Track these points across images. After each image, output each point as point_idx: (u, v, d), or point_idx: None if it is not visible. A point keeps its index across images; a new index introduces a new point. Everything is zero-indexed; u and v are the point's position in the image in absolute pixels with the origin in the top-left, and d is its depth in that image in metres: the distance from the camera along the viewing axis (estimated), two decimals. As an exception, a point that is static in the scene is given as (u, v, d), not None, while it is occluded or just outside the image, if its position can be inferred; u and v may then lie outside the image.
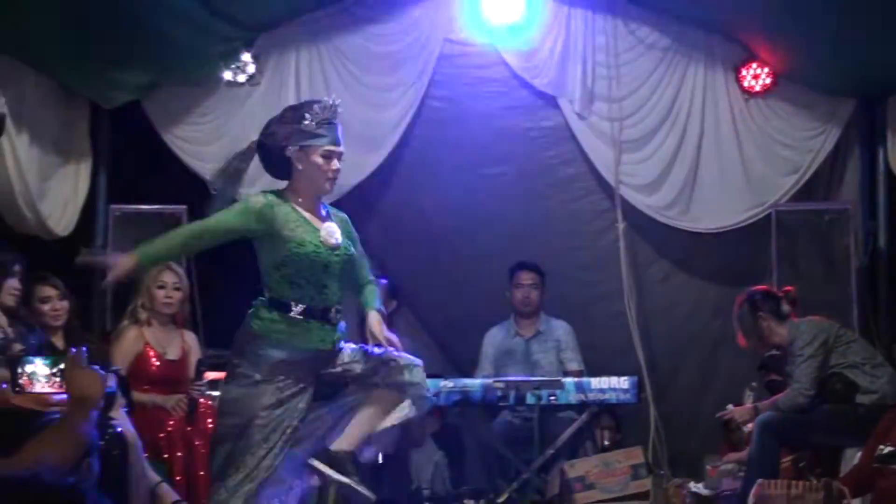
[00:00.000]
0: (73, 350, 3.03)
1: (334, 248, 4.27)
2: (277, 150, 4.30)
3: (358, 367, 4.30)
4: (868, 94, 7.27)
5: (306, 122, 4.24)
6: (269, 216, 4.23)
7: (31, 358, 4.27)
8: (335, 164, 4.29)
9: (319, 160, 4.26)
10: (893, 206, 7.33)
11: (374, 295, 4.54)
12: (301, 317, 4.23)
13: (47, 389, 4.13)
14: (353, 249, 4.38)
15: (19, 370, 4.14)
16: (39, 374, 4.33)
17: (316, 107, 4.28)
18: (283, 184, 4.38)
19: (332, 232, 4.30)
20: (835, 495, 5.28)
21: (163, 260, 4.40)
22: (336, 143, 4.27)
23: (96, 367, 2.92)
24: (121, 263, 4.35)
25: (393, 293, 7.00)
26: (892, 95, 7.05)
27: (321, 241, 4.25)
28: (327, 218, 4.36)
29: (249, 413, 4.13)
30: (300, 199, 4.30)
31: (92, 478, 3.63)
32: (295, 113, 4.34)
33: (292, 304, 4.24)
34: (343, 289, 4.36)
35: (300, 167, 4.27)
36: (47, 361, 4.13)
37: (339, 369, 4.29)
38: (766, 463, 5.78)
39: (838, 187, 7.53)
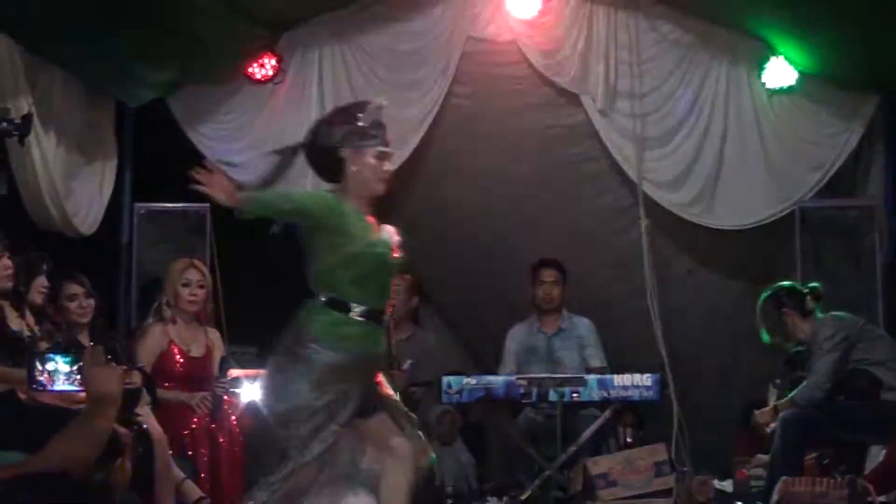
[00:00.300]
0: (91, 347, 3.04)
1: (395, 251, 4.24)
2: (330, 151, 4.23)
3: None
4: (892, 91, 7.22)
5: (360, 123, 4.20)
6: (340, 211, 4.15)
7: (52, 355, 4.30)
8: (387, 165, 4.26)
9: (373, 161, 4.22)
10: (919, 203, 7.30)
11: None
12: (361, 318, 4.15)
13: (68, 387, 4.15)
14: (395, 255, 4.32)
15: (39, 367, 4.17)
16: (60, 371, 4.36)
17: (368, 107, 4.25)
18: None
19: (392, 235, 4.28)
20: (859, 492, 5.28)
21: (261, 212, 4.27)
22: (387, 144, 4.25)
23: (115, 363, 2.91)
24: (229, 192, 4.20)
25: (417, 290, 7.00)
26: (917, 91, 7.02)
27: (387, 243, 4.22)
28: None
29: (300, 420, 4.05)
30: (352, 202, 4.23)
31: (126, 477, 3.67)
32: (346, 114, 4.29)
33: (354, 305, 4.16)
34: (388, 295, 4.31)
35: (354, 168, 4.21)
36: (67, 359, 4.15)
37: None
38: (789, 460, 5.76)
39: (863, 184, 7.48)
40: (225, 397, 5.72)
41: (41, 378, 4.28)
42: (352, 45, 7.47)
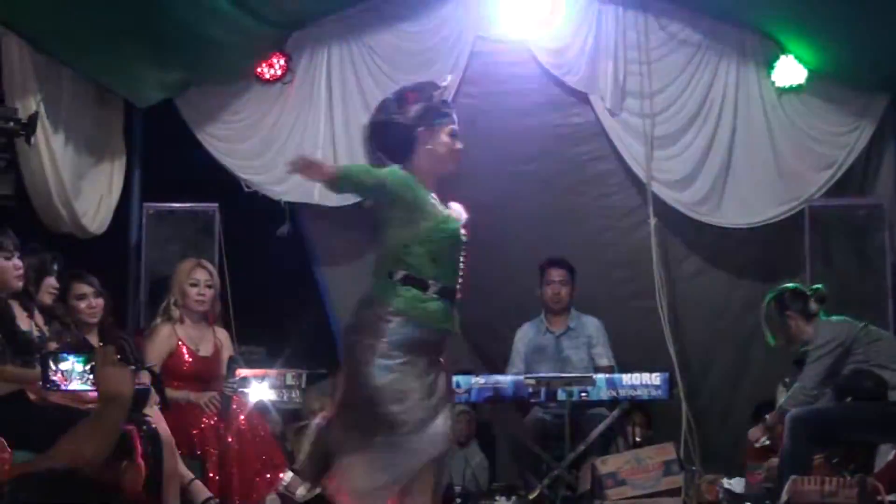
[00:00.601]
0: (104, 347, 3.04)
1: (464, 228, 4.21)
2: (406, 129, 4.15)
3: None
4: (902, 90, 7.23)
5: (435, 101, 4.16)
6: (415, 187, 4.09)
7: (65, 355, 4.31)
8: (458, 143, 4.23)
9: (447, 139, 4.19)
10: (928, 202, 7.29)
11: None
12: (436, 295, 4.09)
13: (81, 387, 4.16)
14: None
15: (52, 367, 4.17)
16: (73, 371, 4.36)
17: (441, 86, 4.23)
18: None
19: (460, 212, 4.25)
20: (869, 491, 5.26)
21: (348, 186, 4.19)
22: (456, 122, 4.21)
23: (126, 363, 2.92)
24: (324, 167, 4.12)
25: None
26: (927, 90, 7.01)
27: (457, 221, 4.20)
28: None
29: (402, 397, 3.96)
30: (421, 180, 4.16)
31: (138, 478, 3.66)
32: (421, 92, 4.21)
33: (431, 282, 4.08)
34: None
35: (428, 147, 4.16)
36: (81, 359, 4.16)
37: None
38: (798, 459, 5.74)
39: (873, 183, 7.49)
40: (234, 397, 5.72)
41: (55, 378, 4.29)
42: (360, 45, 7.48)
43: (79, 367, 4.28)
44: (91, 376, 3.82)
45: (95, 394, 4.86)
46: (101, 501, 1.88)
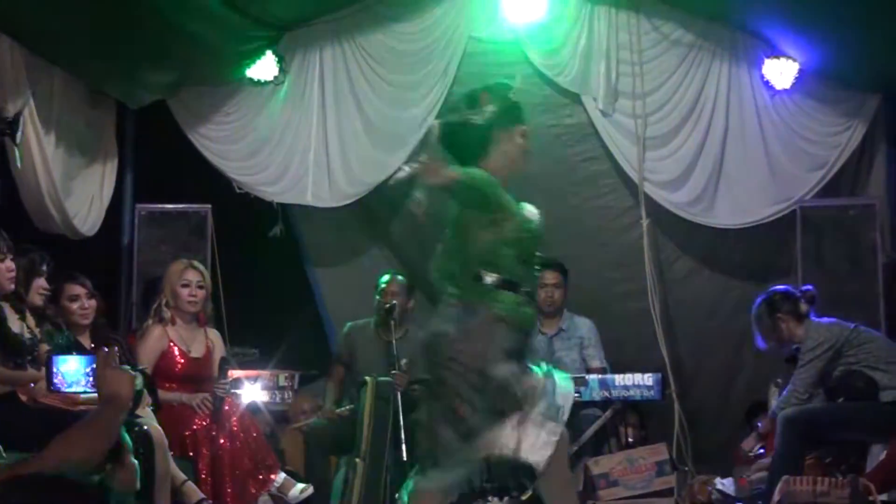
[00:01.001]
0: (105, 349, 3.04)
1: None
2: (482, 130, 4.14)
3: None
4: (894, 89, 7.23)
5: (510, 102, 4.18)
6: (499, 187, 4.08)
7: (66, 357, 4.31)
8: (528, 144, 4.24)
9: (521, 140, 4.21)
10: (920, 202, 7.31)
11: None
12: (526, 297, 4.11)
13: (82, 389, 4.16)
14: None
15: (54, 369, 4.18)
16: (75, 373, 4.36)
17: (513, 85, 4.25)
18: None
19: (535, 212, 4.24)
20: (861, 491, 5.26)
21: (463, 192, 4.08)
22: (524, 122, 4.22)
23: (127, 366, 2.93)
24: (444, 174, 3.94)
25: (410, 291, 6.97)
26: (919, 90, 7.02)
27: (536, 220, 4.20)
28: None
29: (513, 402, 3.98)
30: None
31: (130, 479, 3.65)
32: (493, 93, 4.22)
33: (520, 283, 4.08)
34: None
35: (503, 147, 4.16)
36: (81, 361, 4.17)
37: None
38: (790, 460, 5.75)
39: (864, 183, 7.50)
40: (226, 398, 5.71)
41: (56, 380, 4.30)
42: (353, 46, 7.47)
43: (80, 369, 4.28)
44: (91, 378, 3.82)
45: (87, 396, 4.88)
46: None
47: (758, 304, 6.13)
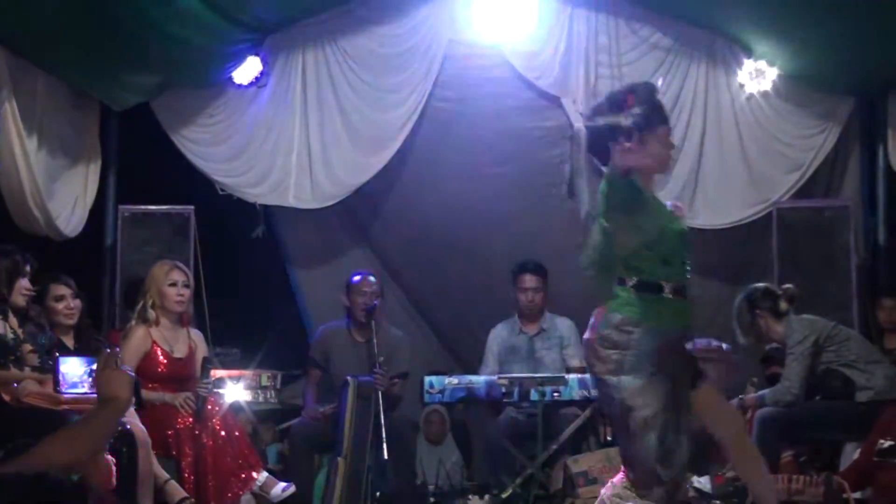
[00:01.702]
0: (108, 351, 3.04)
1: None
2: (629, 132, 4.07)
3: None
4: (868, 93, 7.28)
5: (655, 103, 4.14)
6: (641, 190, 4.07)
7: (68, 358, 4.33)
8: (671, 142, 4.24)
9: (665, 141, 4.19)
10: (893, 204, 7.35)
11: None
12: (671, 296, 4.09)
13: (82, 390, 4.18)
14: None
15: (62, 370, 4.19)
16: (77, 374, 4.37)
17: (656, 87, 4.21)
18: None
19: (677, 208, 4.27)
20: (835, 489, 5.27)
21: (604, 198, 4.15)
22: (666, 122, 4.18)
23: (127, 368, 2.93)
24: None
25: (381, 291, 6.96)
26: (892, 93, 7.06)
27: (678, 217, 4.22)
28: None
29: (656, 403, 3.99)
30: (643, 183, 4.14)
31: (106, 478, 3.66)
32: (638, 94, 4.14)
33: (664, 283, 4.08)
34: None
35: (648, 149, 4.09)
36: (84, 362, 4.18)
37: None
38: (766, 458, 5.77)
39: (839, 185, 7.54)
40: (208, 398, 5.70)
41: (61, 380, 4.32)
42: (335, 49, 7.47)
43: (81, 370, 4.30)
44: (89, 379, 3.83)
45: (69, 395, 4.87)
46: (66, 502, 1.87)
47: (739, 299, 6.16)
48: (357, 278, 6.81)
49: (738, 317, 6.14)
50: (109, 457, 4.28)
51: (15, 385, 4.93)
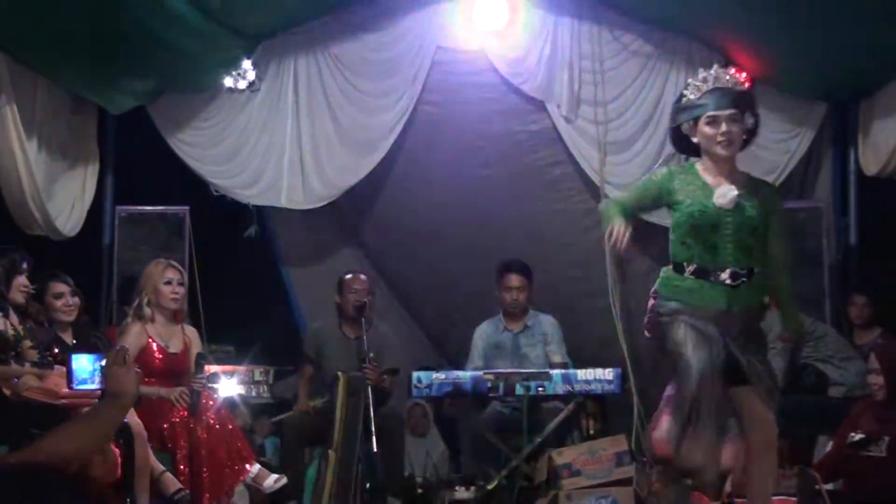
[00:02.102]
0: (118, 347, 3.05)
1: (726, 208, 4.28)
2: (674, 131, 4.48)
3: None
4: (839, 99, 7.32)
5: (686, 99, 4.37)
6: (668, 181, 4.40)
7: (80, 355, 4.33)
8: (724, 127, 4.31)
9: (706, 129, 4.32)
10: (864, 206, 7.39)
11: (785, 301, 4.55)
12: (692, 276, 4.31)
13: (94, 386, 4.18)
14: (757, 216, 4.33)
15: (74, 366, 4.19)
16: (88, 369, 4.37)
17: (694, 81, 4.42)
18: None
19: (726, 193, 4.30)
20: (808, 481, 5.29)
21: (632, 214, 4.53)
22: (719, 107, 4.31)
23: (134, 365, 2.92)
24: (621, 231, 4.34)
25: (372, 289, 7.00)
26: (863, 99, 7.10)
27: (711, 202, 4.29)
28: (742, 183, 4.36)
29: (680, 347, 4.26)
30: (707, 166, 4.38)
31: (109, 470, 3.67)
32: (680, 92, 4.51)
33: (685, 264, 4.34)
34: (761, 255, 4.35)
35: (696, 139, 4.37)
36: (93, 358, 4.19)
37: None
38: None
39: (812, 187, 7.57)
40: (203, 392, 5.72)
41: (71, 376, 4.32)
42: (326, 55, 7.48)
43: (90, 366, 4.31)
44: (99, 375, 3.84)
45: (69, 391, 4.89)
46: (70, 495, 1.85)
47: None
48: (348, 276, 6.85)
49: None
50: (115, 449, 4.29)
51: (15, 380, 4.95)
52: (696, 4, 6.93)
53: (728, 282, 4.28)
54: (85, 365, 4.34)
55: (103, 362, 3.20)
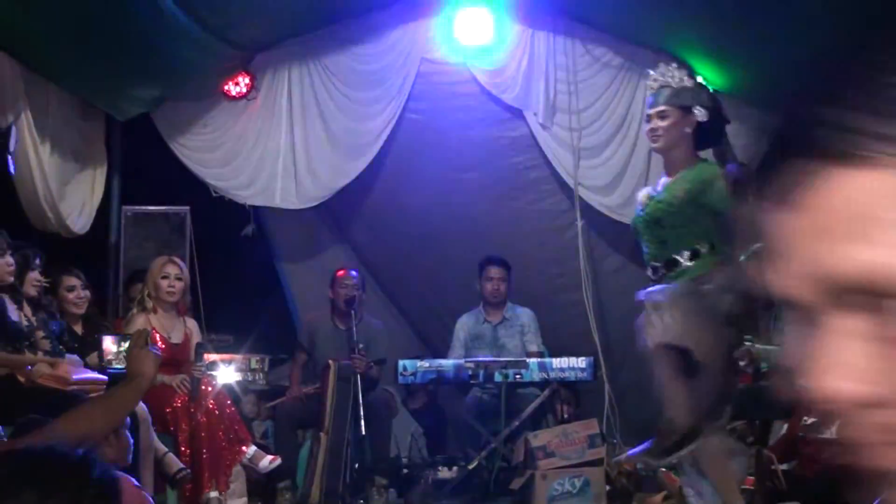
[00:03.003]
0: (141, 330, 3.03)
1: (651, 201, 4.30)
2: None
3: None
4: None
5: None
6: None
7: (108, 337, 4.37)
8: (653, 123, 4.36)
9: (646, 126, 4.44)
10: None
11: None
12: (650, 275, 4.34)
13: (117, 367, 4.21)
14: (663, 207, 4.24)
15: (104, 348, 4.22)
16: (113, 352, 4.41)
17: (649, 83, 4.45)
18: None
19: (656, 186, 4.36)
20: (764, 461, 5.36)
21: None
22: (649, 105, 4.39)
23: (154, 349, 2.90)
24: None
25: (362, 285, 7.06)
26: (814, 108, 7.14)
27: (648, 198, 4.32)
28: (681, 175, 4.28)
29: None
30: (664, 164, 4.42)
31: (128, 450, 3.72)
32: None
33: (649, 263, 4.33)
34: (679, 241, 4.24)
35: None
36: (118, 341, 4.23)
37: None
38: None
39: (768, 189, 7.62)
40: (202, 379, 5.77)
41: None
42: (318, 66, 7.49)
43: (115, 349, 4.35)
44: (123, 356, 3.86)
45: (80, 376, 4.94)
46: (77, 476, 1.82)
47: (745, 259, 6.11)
48: (341, 273, 6.91)
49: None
50: (129, 435, 4.33)
51: (29, 368, 4.99)
52: (662, 21, 6.98)
53: (652, 277, 4.30)
54: (113, 347, 4.38)
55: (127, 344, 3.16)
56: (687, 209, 4.17)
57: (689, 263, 4.19)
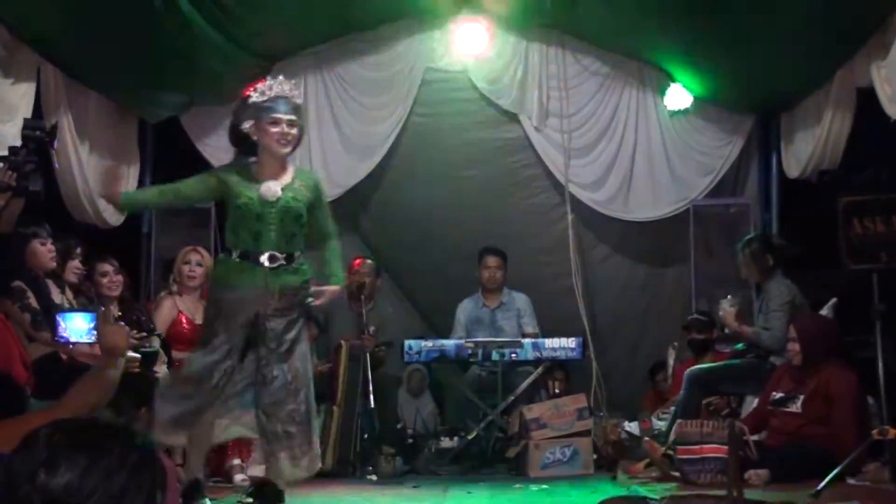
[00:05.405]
0: (101, 309, 3.05)
1: (270, 202, 4.21)
2: (234, 128, 4.41)
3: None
4: (765, 112, 7.35)
5: (252, 101, 4.28)
6: (222, 176, 4.35)
7: (72, 314, 4.34)
8: (284, 129, 4.25)
9: (270, 128, 4.25)
10: (784, 202, 7.42)
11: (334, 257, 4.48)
12: (238, 259, 4.24)
13: (85, 340, 4.20)
14: (297, 205, 4.25)
15: (62, 324, 4.21)
16: (80, 327, 4.38)
17: (261, 86, 4.31)
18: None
19: (270, 187, 4.23)
20: (737, 432, 5.34)
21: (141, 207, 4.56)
22: (283, 112, 4.25)
23: (140, 331, 2.92)
24: (112, 195, 4.45)
25: (378, 272, 7.05)
26: (783, 113, 7.13)
27: (257, 196, 4.21)
28: (288, 179, 4.28)
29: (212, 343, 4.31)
30: (262, 162, 4.30)
31: (148, 423, 3.70)
32: (251, 93, 4.38)
33: (232, 249, 4.28)
34: (290, 238, 4.27)
35: (255, 137, 4.30)
36: (87, 317, 4.21)
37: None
38: (688, 407, 5.86)
39: (742, 187, 7.58)
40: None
41: (64, 334, 4.34)
42: (331, 73, 7.48)
43: (84, 324, 4.32)
44: (94, 332, 3.83)
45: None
46: (122, 443, 1.78)
47: (752, 244, 6.04)
48: (357, 262, 6.91)
49: (753, 256, 6.01)
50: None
51: (71, 346, 4.99)
52: (644, 34, 6.98)
53: (267, 264, 4.20)
54: (80, 323, 4.35)
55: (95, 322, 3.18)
56: (317, 207, 4.45)
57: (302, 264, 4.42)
